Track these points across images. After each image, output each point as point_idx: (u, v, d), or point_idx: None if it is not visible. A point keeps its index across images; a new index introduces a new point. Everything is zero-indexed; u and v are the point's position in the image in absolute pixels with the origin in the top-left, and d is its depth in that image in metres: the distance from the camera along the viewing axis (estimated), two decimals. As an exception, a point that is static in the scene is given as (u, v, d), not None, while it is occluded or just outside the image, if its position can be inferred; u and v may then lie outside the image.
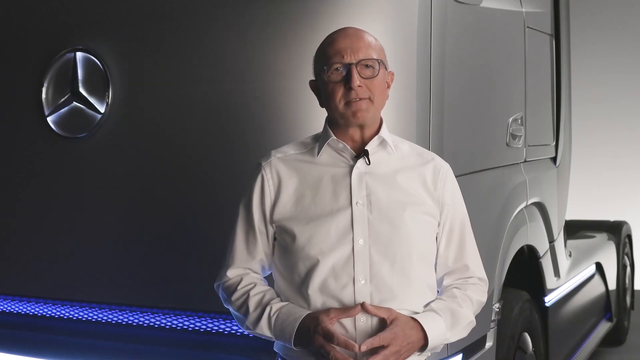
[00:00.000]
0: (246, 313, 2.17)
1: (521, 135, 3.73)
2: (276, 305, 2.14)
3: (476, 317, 2.28)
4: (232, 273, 2.23)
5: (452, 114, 3.03)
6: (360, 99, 2.10)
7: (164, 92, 3.10)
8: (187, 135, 3.04)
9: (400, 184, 2.16)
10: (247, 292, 2.18)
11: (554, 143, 4.50)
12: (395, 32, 2.83)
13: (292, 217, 2.15)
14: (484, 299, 2.27)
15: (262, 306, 2.14)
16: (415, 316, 2.09)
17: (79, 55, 3.25)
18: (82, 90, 3.23)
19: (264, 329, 2.14)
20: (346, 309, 2.06)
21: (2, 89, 3.51)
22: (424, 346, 2.09)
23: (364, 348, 2.00)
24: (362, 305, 2.05)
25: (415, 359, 2.14)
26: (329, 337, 2.01)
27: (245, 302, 2.17)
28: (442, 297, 2.20)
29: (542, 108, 4.21)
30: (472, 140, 3.28)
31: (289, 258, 2.16)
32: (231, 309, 2.23)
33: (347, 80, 2.09)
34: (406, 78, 2.81)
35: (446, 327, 2.12)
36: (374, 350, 2.02)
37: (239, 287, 2.20)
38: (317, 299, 2.10)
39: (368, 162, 2.15)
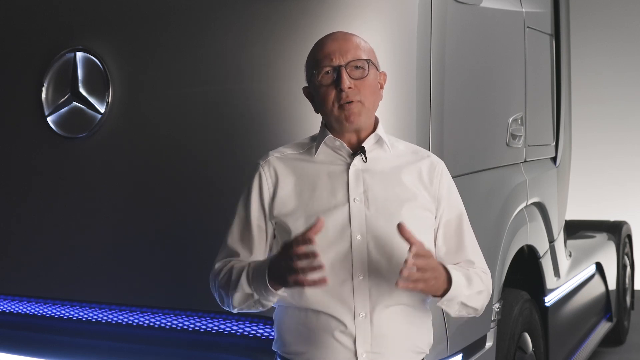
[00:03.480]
0: (228, 282, 2.14)
1: (521, 135, 3.73)
2: (252, 263, 2.13)
3: (476, 317, 2.27)
4: (219, 264, 2.22)
5: (452, 113, 3.03)
6: (352, 102, 2.10)
7: (164, 92, 3.10)
8: (187, 135, 3.04)
9: (397, 181, 2.17)
10: (231, 266, 2.17)
11: (554, 143, 4.50)
12: (395, 32, 2.84)
13: (289, 214, 2.16)
14: (491, 288, 2.25)
15: (242, 269, 2.13)
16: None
17: (79, 55, 3.25)
18: (82, 90, 3.23)
19: (244, 287, 2.10)
20: (308, 229, 1.97)
21: (2, 89, 3.51)
22: (445, 291, 2.07)
23: (405, 273, 1.94)
24: (399, 225, 1.97)
25: (412, 357, 2.14)
26: (288, 244, 1.96)
27: (228, 273, 2.15)
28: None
29: (542, 108, 4.22)
30: (472, 140, 3.29)
31: None
32: (221, 294, 2.19)
33: (337, 83, 2.10)
34: (406, 78, 2.81)
35: (464, 283, 2.11)
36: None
37: (224, 268, 2.19)
38: (315, 295, 2.10)
39: (365, 159, 2.16)
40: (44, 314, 3.35)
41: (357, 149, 2.17)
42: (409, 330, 2.14)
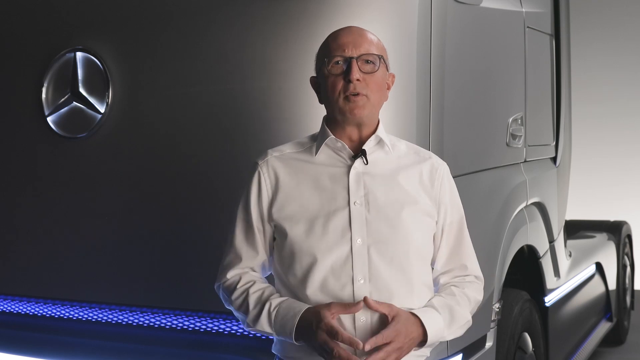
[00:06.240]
0: (246, 311, 2.16)
1: (521, 135, 3.73)
2: (275, 300, 2.13)
3: (476, 317, 2.28)
4: (231, 273, 2.23)
5: (452, 114, 3.03)
6: (358, 94, 2.10)
7: (164, 92, 3.10)
8: (187, 135, 3.04)
9: (398, 183, 2.16)
10: (247, 290, 2.18)
11: (554, 143, 4.50)
12: (395, 32, 2.83)
13: (289, 217, 2.15)
14: (481, 297, 2.28)
15: (262, 303, 2.14)
16: (415, 311, 2.09)
17: (79, 55, 3.25)
18: (82, 90, 3.23)
19: (264, 326, 2.13)
20: (347, 305, 2.04)
21: (2, 89, 3.51)
22: (422, 342, 2.09)
23: (367, 347, 1.99)
24: (364, 300, 2.04)
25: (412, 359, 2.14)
26: (333, 333, 2.00)
27: (245, 300, 2.17)
28: (441, 294, 2.20)
29: (542, 108, 4.22)
30: (472, 140, 3.28)
31: (287, 258, 2.15)
32: (232, 309, 2.23)
33: (347, 73, 2.10)
34: (406, 78, 2.81)
35: (444, 325, 2.12)
36: (377, 347, 2.02)
37: (238, 286, 2.19)
38: (316, 299, 2.09)
39: (366, 162, 2.15)
40: (44, 314, 3.35)
41: (358, 151, 2.16)
42: None
